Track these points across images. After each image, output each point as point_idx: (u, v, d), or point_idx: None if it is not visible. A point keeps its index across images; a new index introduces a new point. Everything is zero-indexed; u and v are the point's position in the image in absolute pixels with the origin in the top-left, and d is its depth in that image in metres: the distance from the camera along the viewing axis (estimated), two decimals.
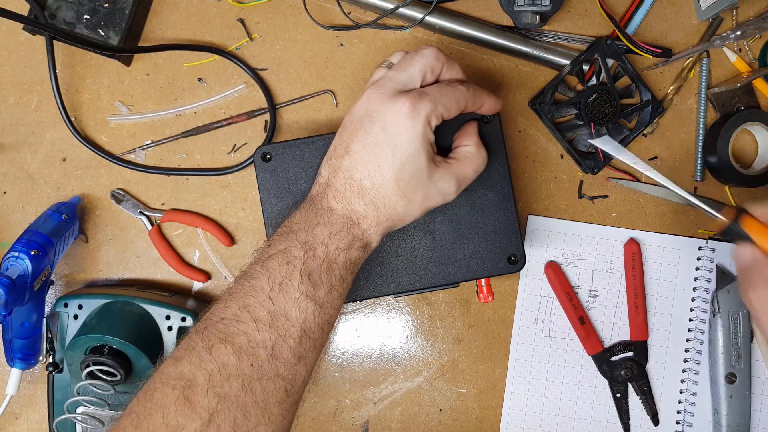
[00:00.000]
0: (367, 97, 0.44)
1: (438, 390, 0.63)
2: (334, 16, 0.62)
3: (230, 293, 0.42)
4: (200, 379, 0.38)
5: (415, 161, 0.43)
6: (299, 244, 0.43)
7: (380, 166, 0.43)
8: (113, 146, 0.62)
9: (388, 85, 0.44)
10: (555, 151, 0.63)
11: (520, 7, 0.58)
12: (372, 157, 0.44)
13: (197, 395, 0.38)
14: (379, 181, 0.44)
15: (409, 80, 0.45)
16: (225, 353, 0.39)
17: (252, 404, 0.39)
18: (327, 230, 0.44)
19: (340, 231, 0.44)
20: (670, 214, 0.63)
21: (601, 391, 0.62)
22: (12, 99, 0.62)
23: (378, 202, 0.44)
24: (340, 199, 0.45)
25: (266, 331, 0.40)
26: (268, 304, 0.41)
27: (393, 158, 0.43)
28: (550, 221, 0.62)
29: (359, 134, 0.44)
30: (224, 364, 0.39)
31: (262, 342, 0.40)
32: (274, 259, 0.43)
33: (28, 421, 0.62)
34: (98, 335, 0.54)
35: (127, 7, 0.59)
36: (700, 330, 0.62)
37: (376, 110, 0.43)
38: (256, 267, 0.43)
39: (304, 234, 0.44)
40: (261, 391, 0.39)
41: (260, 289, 0.41)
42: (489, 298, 0.55)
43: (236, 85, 0.62)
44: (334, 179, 0.45)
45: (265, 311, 0.40)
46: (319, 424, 0.63)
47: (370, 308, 0.63)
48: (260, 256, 0.44)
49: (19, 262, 0.52)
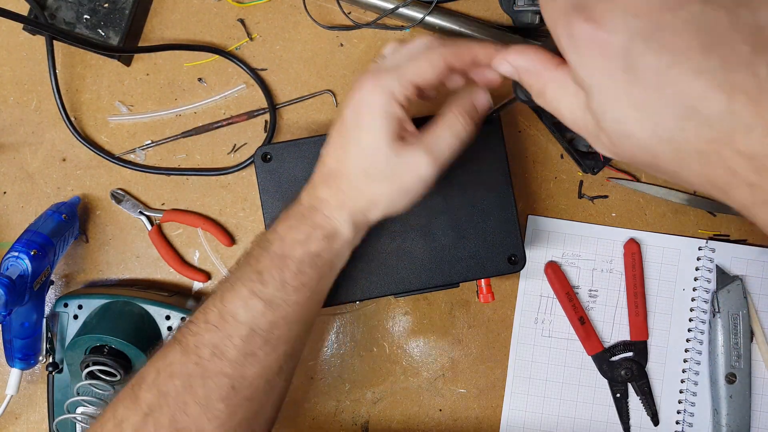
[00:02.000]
0: (351, 87, 0.44)
1: (438, 390, 0.63)
2: (334, 16, 0.62)
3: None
4: (149, 376, 0.42)
5: (378, 138, 0.41)
6: (261, 242, 0.44)
7: (345, 147, 0.43)
8: (113, 146, 0.62)
9: (368, 71, 0.43)
10: (555, 151, 0.63)
11: (520, 7, 0.58)
12: (340, 139, 0.43)
13: (142, 390, 0.41)
14: (343, 162, 0.43)
15: (393, 65, 0.42)
16: (173, 352, 0.42)
17: (192, 401, 0.41)
18: (287, 223, 0.44)
19: (300, 222, 0.44)
20: (670, 214, 0.63)
21: (601, 391, 0.62)
22: (12, 99, 0.62)
23: (342, 185, 0.43)
24: (311, 189, 0.45)
25: (213, 331, 0.42)
26: (219, 305, 0.43)
27: (357, 138, 0.42)
28: (550, 221, 0.62)
29: (337, 121, 0.44)
30: (171, 363, 0.42)
31: (208, 341, 0.42)
32: (240, 261, 0.45)
33: (28, 421, 0.62)
34: (98, 335, 0.54)
35: (127, 7, 0.59)
36: (700, 330, 0.62)
37: (350, 95, 0.43)
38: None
39: (270, 232, 0.45)
40: (202, 388, 0.41)
41: (219, 291, 0.44)
42: (489, 298, 0.55)
43: (236, 85, 0.62)
44: (315, 172, 0.45)
45: (216, 312, 0.42)
46: (319, 424, 0.63)
47: (370, 308, 0.63)
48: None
49: (19, 262, 0.52)
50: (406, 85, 0.41)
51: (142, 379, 0.42)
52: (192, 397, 0.41)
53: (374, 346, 0.63)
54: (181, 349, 0.42)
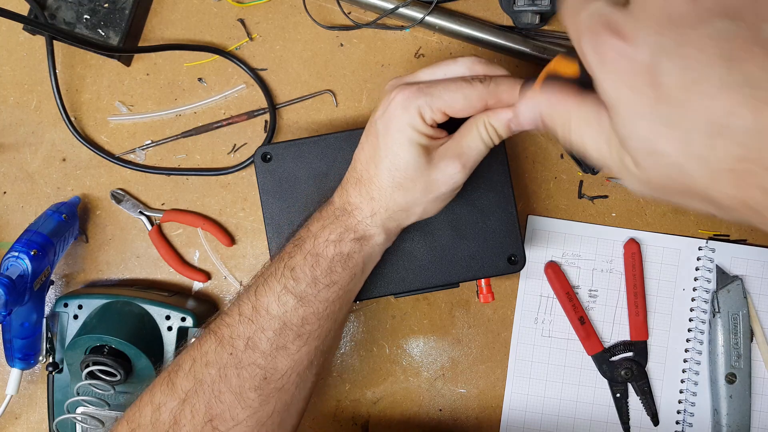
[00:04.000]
0: (384, 92, 0.45)
1: (438, 390, 0.63)
2: (334, 16, 0.62)
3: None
4: (185, 364, 0.44)
5: (406, 152, 0.43)
6: (295, 239, 0.46)
7: (375, 157, 0.44)
8: (113, 146, 0.62)
9: (403, 83, 0.44)
10: (555, 151, 0.63)
11: (520, 7, 0.58)
12: (370, 148, 0.44)
13: (179, 377, 0.43)
14: (373, 171, 0.44)
15: (428, 83, 0.43)
16: (209, 342, 0.44)
17: (227, 389, 0.43)
18: (320, 223, 0.46)
19: (332, 223, 0.45)
20: (670, 214, 0.63)
21: (601, 391, 0.62)
22: (12, 99, 0.62)
23: (373, 193, 0.44)
24: (342, 191, 0.46)
25: (247, 323, 0.44)
26: (253, 299, 0.44)
27: (386, 149, 0.43)
28: (550, 221, 0.62)
29: (369, 128, 0.45)
30: (206, 352, 0.44)
31: (243, 333, 0.44)
32: (274, 257, 0.47)
33: (28, 421, 0.62)
34: (98, 335, 0.54)
35: (127, 7, 0.59)
36: (700, 330, 0.62)
37: (382, 103, 0.44)
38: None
39: (304, 230, 0.46)
40: (236, 378, 0.43)
41: (252, 286, 0.46)
42: (489, 298, 0.55)
43: (236, 85, 0.62)
44: (347, 173, 0.47)
45: (250, 305, 0.44)
46: (319, 424, 0.63)
47: (370, 308, 0.63)
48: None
49: (19, 262, 0.52)
50: (435, 111, 0.42)
51: (178, 366, 0.44)
52: (226, 385, 0.43)
53: (374, 346, 0.63)
54: (216, 339, 0.44)
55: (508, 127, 0.42)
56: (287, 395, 0.44)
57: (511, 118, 0.42)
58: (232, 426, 0.42)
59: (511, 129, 0.42)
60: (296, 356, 0.44)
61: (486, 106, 0.42)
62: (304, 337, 0.44)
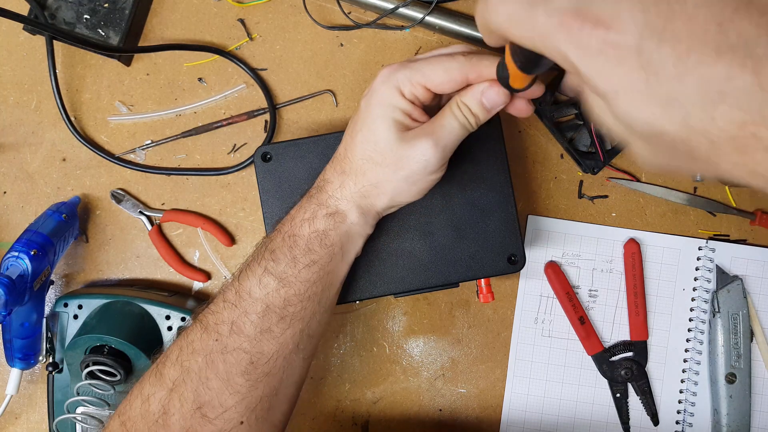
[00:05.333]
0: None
1: (438, 390, 0.63)
2: (334, 16, 0.62)
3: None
4: (172, 354, 0.44)
5: (381, 126, 0.43)
6: (277, 225, 0.47)
7: (353, 134, 0.45)
8: (113, 146, 0.62)
9: (390, 64, 0.45)
10: (555, 151, 0.63)
11: None
12: (352, 126, 0.45)
13: (166, 367, 0.43)
14: (350, 147, 0.45)
15: (413, 62, 0.44)
16: (195, 331, 0.44)
17: (214, 375, 0.42)
18: (297, 205, 0.47)
19: (307, 201, 0.46)
20: (670, 214, 0.63)
21: (601, 391, 0.62)
22: (12, 99, 0.62)
23: (345, 167, 0.45)
24: (322, 173, 0.47)
25: (230, 308, 0.44)
26: (236, 284, 0.45)
27: (362, 123, 0.44)
28: (550, 221, 0.62)
29: (357, 108, 0.46)
30: (192, 341, 0.44)
31: (227, 318, 0.44)
32: (258, 246, 0.47)
33: (28, 421, 0.62)
34: (98, 335, 0.54)
35: (127, 7, 0.59)
36: (700, 330, 0.62)
37: (369, 85, 0.45)
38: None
39: (287, 215, 0.47)
40: (222, 363, 0.43)
41: (236, 274, 0.46)
42: (489, 298, 0.55)
43: (236, 85, 0.62)
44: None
45: (233, 291, 0.45)
46: (319, 424, 0.63)
47: (370, 308, 0.63)
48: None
49: (19, 262, 0.52)
50: (414, 84, 0.42)
51: (166, 357, 0.44)
52: (213, 372, 0.42)
53: (374, 346, 0.63)
54: (202, 327, 0.44)
55: (481, 105, 0.42)
56: (275, 380, 0.44)
57: (483, 90, 0.41)
58: (221, 413, 0.42)
59: (485, 107, 0.42)
60: (281, 339, 0.44)
61: (467, 80, 0.41)
62: (288, 320, 0.44)
